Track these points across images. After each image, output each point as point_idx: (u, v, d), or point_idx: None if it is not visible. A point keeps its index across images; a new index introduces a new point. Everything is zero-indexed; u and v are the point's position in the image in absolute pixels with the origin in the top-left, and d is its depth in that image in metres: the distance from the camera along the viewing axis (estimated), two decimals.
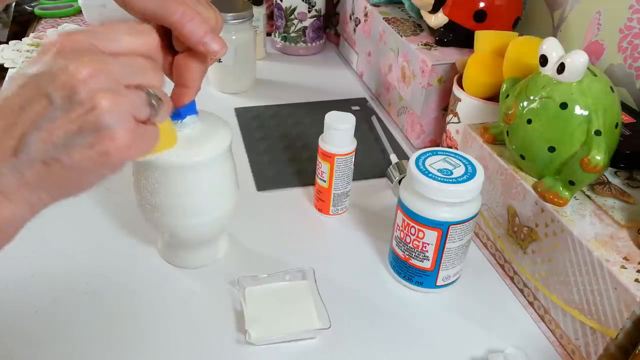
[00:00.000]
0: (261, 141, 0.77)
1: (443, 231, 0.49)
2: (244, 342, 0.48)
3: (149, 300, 0.52)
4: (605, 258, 0.44)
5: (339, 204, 0.63)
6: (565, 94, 0.48)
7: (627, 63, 0.63)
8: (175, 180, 0.48)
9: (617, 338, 0.44)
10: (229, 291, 0.54)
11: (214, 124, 0.50)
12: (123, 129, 0.32)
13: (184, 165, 0.47)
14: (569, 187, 0.50)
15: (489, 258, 0.59)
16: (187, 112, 0.47)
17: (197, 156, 0.47)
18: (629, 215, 0.49)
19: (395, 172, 0.66)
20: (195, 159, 0.47)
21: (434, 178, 0.48)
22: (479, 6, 0.71)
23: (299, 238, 0.61)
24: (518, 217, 0.54)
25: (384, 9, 0.87)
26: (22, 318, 0.50)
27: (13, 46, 0.98)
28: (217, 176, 0.50)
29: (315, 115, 0.81)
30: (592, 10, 0.67)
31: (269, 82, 0.92)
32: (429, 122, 0.76)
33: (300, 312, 0.51)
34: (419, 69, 0.73)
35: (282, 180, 0.69)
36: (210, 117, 0.50)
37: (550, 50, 0.49)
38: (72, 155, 0.31)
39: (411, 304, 0.54)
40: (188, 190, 0.49)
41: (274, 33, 1.02)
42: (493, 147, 0.58)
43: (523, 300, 0.55)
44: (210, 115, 0.51)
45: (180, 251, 0.56)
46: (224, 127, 0.50)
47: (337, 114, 0.59)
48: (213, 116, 0.51)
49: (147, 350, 0.48)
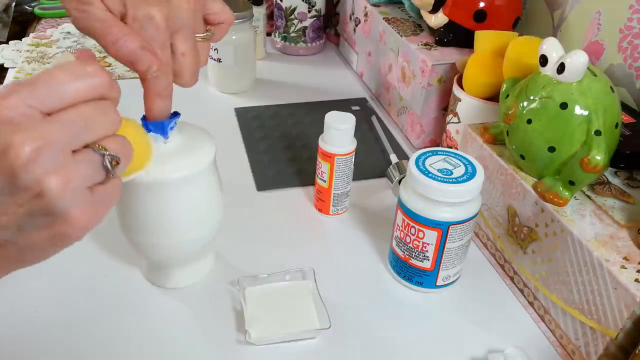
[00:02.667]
0: (261, 141, 0.77)
1: (443, 231, 0.49)
2: (244, 342, 0.48)
3: (149, 300, 0.52)
4: (605, 258, 0.44)
5: (339, 204, 0.63)
6: (565, 94, 0.48)
7: (627, 63, 0.63)
8: (152, 199, 0.45)
9: (617, 338, 0.44)
10: (229, 291, 0.54)
11: (196, 137, 0.47)
12: (78, 208, 0.29)
13: (161, 181, 0.43)
14: (569, 187, 0.50)
15: (489, 258, 0.59)
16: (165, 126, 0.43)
17: (176, 172, 0.44)
18: (629, 215, 0.49)
19: (395, 172, 0.66)
20: (174, 175, 0.44)
21: (434, 178, 0.48)
22: (479, 6, 0.71)
23: (299, 238, 0.61)
24: (518, 217, 0.54)
25: (384, 9, 0.87)
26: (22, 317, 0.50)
27: (13, 46, 0.98)
28: (199, 193, 0.47)
29: (315, 115, 0.81)
30: (592, 10, 0.67)
31: (269, 82, 0.92)
32: (429, 122, 0.76)
33: (300, 312, 0.51)
34: (419, 69, 0.73)
35: (282, 180, 0.69)
36: (193, 130, 0.47)
37: (550, 50, 0.49)
38: (26, 237, 0.29)
39: (411, 304, 0.54)
40: (167, 209, 0.45)
41: (274, 33, 1.02)
42: (493, 147, 0.58)
43: (523, 300, 0.55)
44: (194, 128, 0.47)
45: (162, 271, 0.53)
46: (207, 141, 0.47)
47: (337, 114, 0.59)
48: (197, 129, 0.48)
49: (147, 350, 0.48)
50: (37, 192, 0.28)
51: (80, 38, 0.99)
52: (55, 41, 0.98)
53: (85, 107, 0.30)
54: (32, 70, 0.88)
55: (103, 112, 0.31)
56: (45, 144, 0.28)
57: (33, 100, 0.28)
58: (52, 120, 0.28)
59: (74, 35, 1.00)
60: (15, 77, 0.87)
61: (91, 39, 0.40)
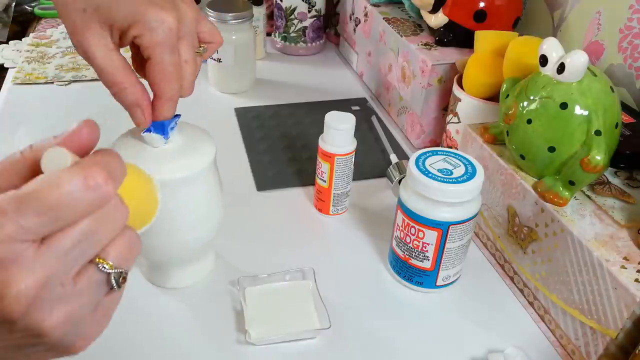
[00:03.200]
0: (261, 141, 0.77)
1: (443, 231, 0.49)
2: (244, 342, 0.48)
3: (149, 300, 0.52)
4: (605, 258, 0.44)
5: (339, 204, 0.63)
6: (565, 94, 0.48)
7: (627, 63, 0.63)
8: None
9: (617, 338, 0.44)
10: (229, 291, 0.54)
11: (196, 137, 0.47)
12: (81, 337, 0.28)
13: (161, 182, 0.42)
14: (569, 187, 0.50)
15: (489, 258, 0.59)
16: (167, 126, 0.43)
17: (176, 173, 0.44)
18: (629, 215, 0.49)
19: (395, 172, 0.66)
20: (174, 175, 0.44)
21: (434, 178, 0.48)
22: (479, 6, 0.71)
23: (299, 238, 0.61)
24: (518, 217, 0.54)
25: (384, 9, 0.87)
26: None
27: (13, 46, 0.98)
28: (199, 194, 0.47)
29: (315, 115, 0.81)
30: (592, 10, 0.67)
31: (269, 82, 0.92)
32: (429, 122, 0.76)
33: (300, 312, 0.51)
34: (419, 69, 0.73)
35: (282, 180, 0.69)
36: (193, 131, 0.47)
37: (550, 50, 0.49)
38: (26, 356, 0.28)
39: (411, 304, 0.54)
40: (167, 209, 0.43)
41: (274, 33, 1.02)
42: (493, 147, 0.58)
43: (523, 300, 0.55)
44: (194, 129, 0.48)
45: (162, 271, 0.53)
46: (207, 141, 0.47)
47: (337, 114, 0.59)
48: (197, 129, 0.48)
49: (148, 350, 0.48)
50: (37, 334, 0.26)
51: None
52: (55, 41, 0.98)
53: (86, 222, 0.26)
54: (32, 70, 0.88)
55: (106, 220, 0.27)
56: (43, 285, 0.25)
57: (23, 231, 0.24)
58: (48, 251, 0.25)
59: None
60: (15, 77, 0.87)
61: None
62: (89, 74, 0.87)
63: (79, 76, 0.87)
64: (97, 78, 0.40)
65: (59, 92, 0.84)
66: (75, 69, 0.89)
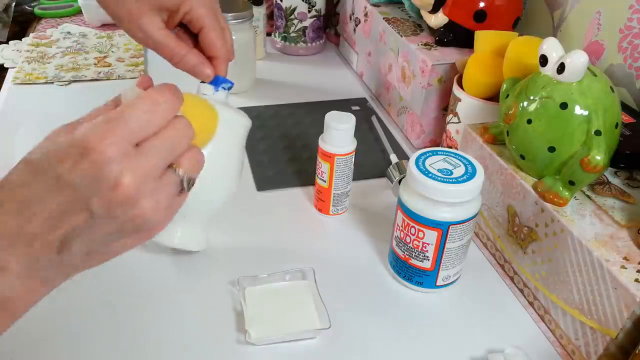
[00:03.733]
0: (261, 141, 0.77)
1: (443, 231, 0.49)
2: (244, 342, 0.48)
3: (148, 300, 0.52)
4: (605, 258, 0.44)
5: (339, 204, 0.63)
6: (565, 94, 0.48)
7: (627, 63, 0.63)
8: None
9: (617, 338, 0.44)
10: (229, 291, 0.54)
11: (238, 112, 0.51)
12: (161, 224, 0.35)
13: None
14: (569, 187, 0.50)
15: (489, 258, 0.59)
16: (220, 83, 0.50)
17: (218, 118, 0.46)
18: (629, 215, 0.49)
19: (395, 172, 0.66)
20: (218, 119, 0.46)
21: (434, 178, 0.48)
22: (479, 6, 0.71)
23: (299, 238, 0.61)
24: (518, 217, 0.54)
25: (384, 9, 0.87)
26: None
27: (13, 46, 0.98)
28: (222, 153, 0.48)
29: (315, 115, 0.81)
30: (592, 10, 0.67)
31: (269, 82, 0.92)
32: (429, 122, 0.76)
33: (300, 312, 0.51)
34: (419, 69, 0.73)
35: (282, 180, 0.69)
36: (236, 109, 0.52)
37: (550, 50, 0.49)
38: (111, 247, 0.34)
39: (411, 304, 0.54)
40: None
41: (274, 33, 1.02)
42: (493, 147, 0.58)
43: (523, 300, 0.55)
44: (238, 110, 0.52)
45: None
46: (245, 117, 0.52)
47: (337, 114, 0.59)
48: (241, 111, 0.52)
49: (147, 350, 0.48)
50: (134, 217, 0.32)
51: (80, 38, 0.99)
52: (55, 41, 0.98)
53: (166, 131, 0.34)
54: (32, 70, 0.88)
55: (180, 130, 0.35)
56: (145, 178, 0.32)
57: (127, 137, 0.32)
58: (144, 152, 0.32)
59: (74, 35, 1.00)
60: (15, 77, 0.87)
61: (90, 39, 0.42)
62: (89, 74, 0.87)
63: (79, 76, 0.87)
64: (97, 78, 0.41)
65: (59, 92, 0.84)
66: (75, 69, 0.89)
